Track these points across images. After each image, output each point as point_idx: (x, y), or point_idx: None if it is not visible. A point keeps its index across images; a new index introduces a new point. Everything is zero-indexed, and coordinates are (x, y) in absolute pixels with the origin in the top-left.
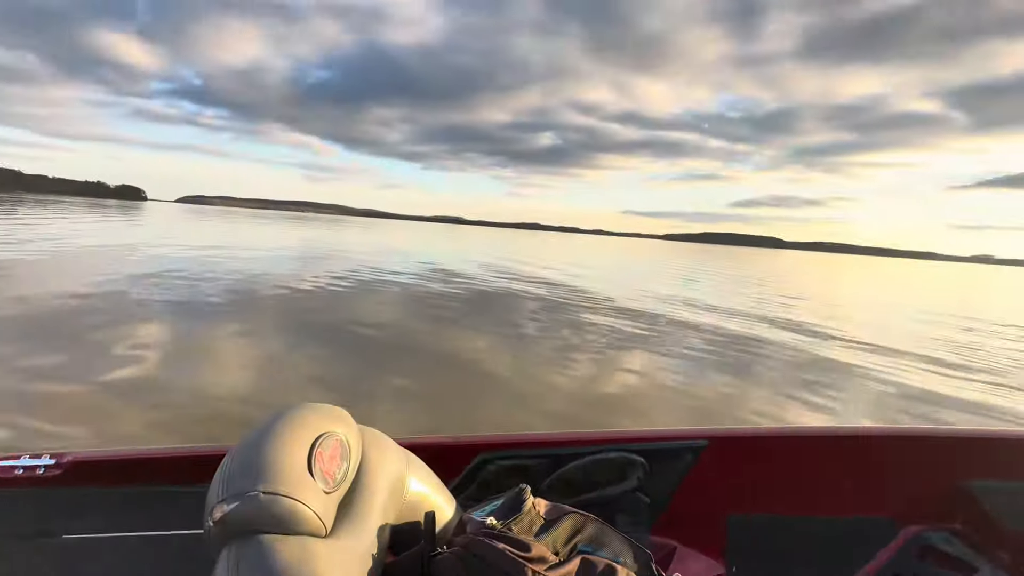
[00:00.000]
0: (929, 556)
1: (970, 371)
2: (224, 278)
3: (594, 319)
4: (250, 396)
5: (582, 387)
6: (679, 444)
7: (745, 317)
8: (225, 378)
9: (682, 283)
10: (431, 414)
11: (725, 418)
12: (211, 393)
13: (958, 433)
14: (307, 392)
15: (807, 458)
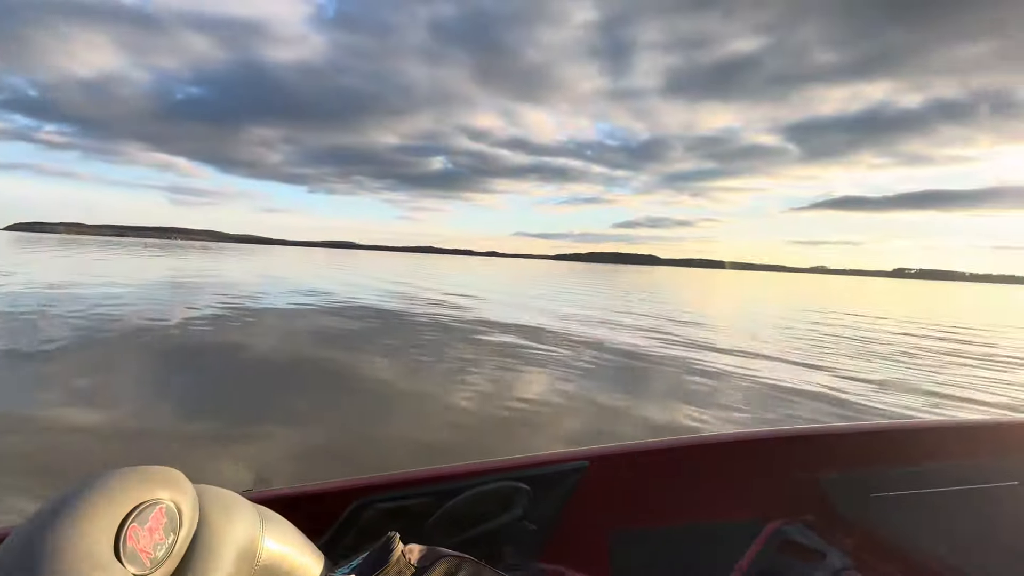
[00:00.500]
0: (787, 549)
1: (810, 358)
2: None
3: (488, 339)
4: (63, 458)
5: (475, 411)
6: (561, 467)
7: (639, 329)
8: (45, 437)
9: (575, 299)
10: (306, 457)
11: (607, 425)
12: (18, 451)
13: (811, 432)
14: (148, 445)
15: (681, 468)
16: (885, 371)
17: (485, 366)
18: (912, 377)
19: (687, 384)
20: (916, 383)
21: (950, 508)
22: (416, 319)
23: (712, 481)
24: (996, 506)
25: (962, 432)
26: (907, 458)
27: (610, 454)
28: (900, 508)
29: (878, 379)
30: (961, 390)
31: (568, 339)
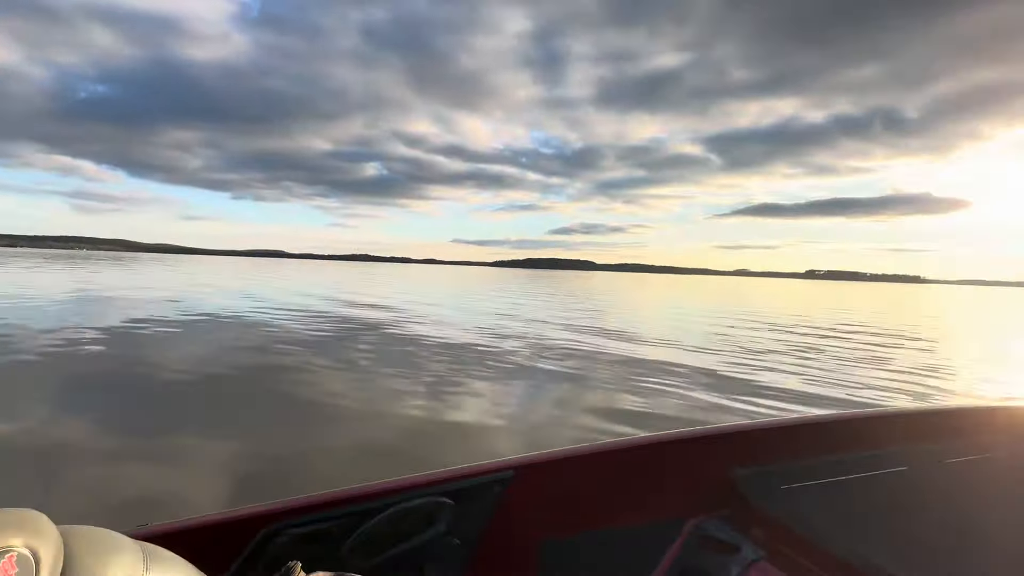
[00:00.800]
0: (706, 544)
1: (735, 351)
2: None
3: (425, 348)
4: None
5: (403, 422)
6: (486, 479)
7: (579, 331)
8: None
9: (517, 305)
10: (224, 477)
11: (543, 425)
12: None
13: (725, 430)
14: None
15: (606, 473)
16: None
17: (420, 375)
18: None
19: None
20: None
21: (850, 495)
22: (348, 329)
23: (635, 484)
24: (889, 491)
25: (858, 424)
26: (811, 450)
27: (536, 463)
28: (806, 498)
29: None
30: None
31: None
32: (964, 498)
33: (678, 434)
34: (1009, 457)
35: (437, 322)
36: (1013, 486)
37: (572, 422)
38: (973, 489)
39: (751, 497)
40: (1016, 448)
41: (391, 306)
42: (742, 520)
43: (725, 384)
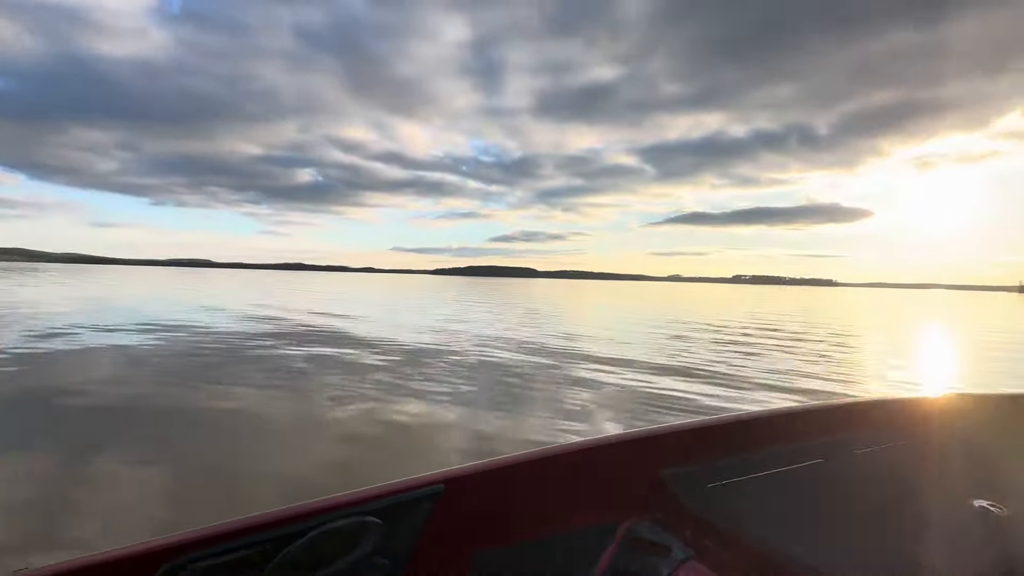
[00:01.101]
0: (639, 546)
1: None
2: None
3: (361, 360)
4: None
5: (329, 438)
6: (415, 494)
7: (525, 339)
8: None
9: (461, 313)
10: (131, 508)
11: (475, 441)
12: None
13: (653, 432)
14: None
15: (538, 481)
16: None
17: (348, 388)
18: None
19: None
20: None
21: (771, 489)
22: (275, 343)
23: (568, 490)
24: (807, 483)
25: (778, 420)
26: (735, 448)
27: (467, 474)
28: (731, 495)
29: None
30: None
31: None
32: (873, 486)
33: (608, 438)
34: (911, 445)
35: (348, 330)
36: (915, 472)
37: (505, 426)
38: (881, 477)
39: (680, 497)
40: (917, 437)
41: (297, 317)
42: (672, 520)
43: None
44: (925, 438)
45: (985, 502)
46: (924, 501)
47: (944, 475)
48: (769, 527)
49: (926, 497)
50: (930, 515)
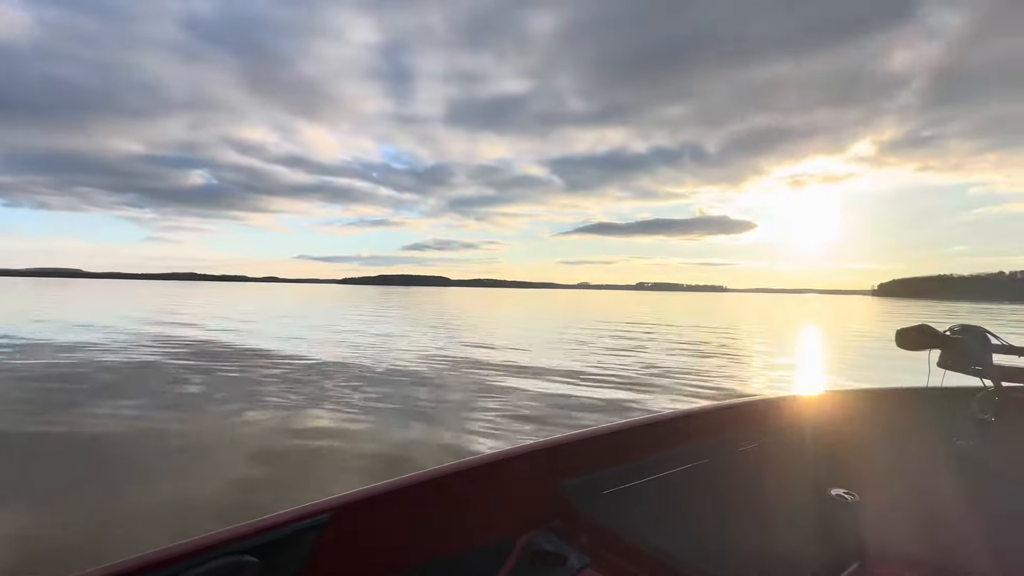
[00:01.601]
0: (538, 558)
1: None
2: None
3: (248, 376)
4: None
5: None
6: (297, 527)
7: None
8: None
9: (371, 323)
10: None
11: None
12: None
13: (551, 443)
14: None
15: (432, 502)
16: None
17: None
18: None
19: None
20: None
21: (662, 492)
22: (152, 360)
23: (464, 509)
24: (695, 482)
25: (666, 424)
26: (627, 454)
27: (355, 501)
28: (626, 500)
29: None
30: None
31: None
32: (752, 482)
33: (504, 453)
34: (783, 441)
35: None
36: (787, 466)
37: (407, 441)
38: (758, 472)
39: (577, 506)
40: (788, 433)
41: (177, 332)
42: (570, 530)
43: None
44: (794, 434)
45: (841, 490)
46: (793, 492)
47: (809, 467)
48: (661, 529)
49: (794, 489)
50: (798, 505)
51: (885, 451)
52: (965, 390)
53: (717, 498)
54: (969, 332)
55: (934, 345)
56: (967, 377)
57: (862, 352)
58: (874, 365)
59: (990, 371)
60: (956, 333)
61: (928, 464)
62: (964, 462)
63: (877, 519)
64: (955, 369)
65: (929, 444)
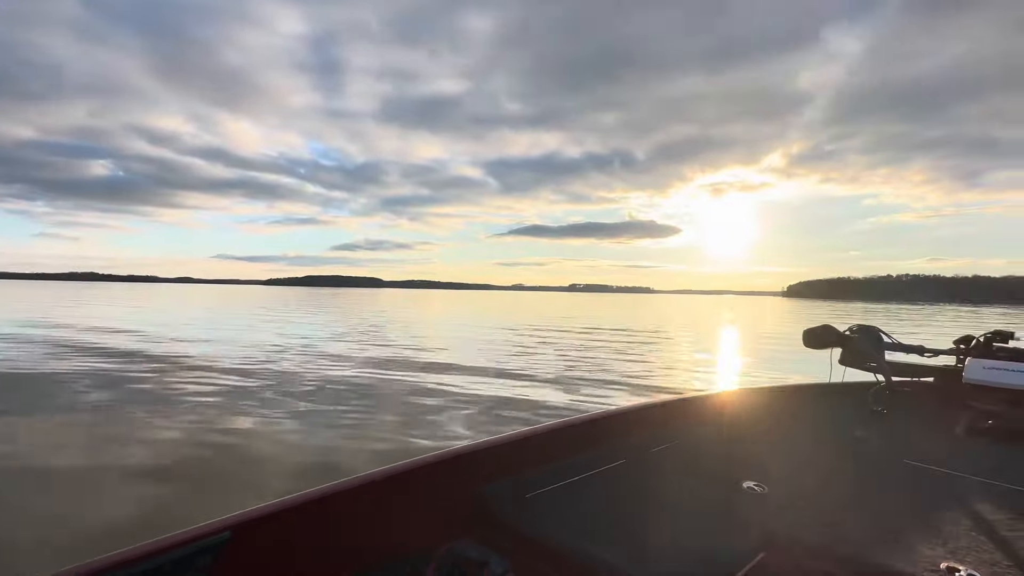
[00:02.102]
0: (457, 567)
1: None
2: None
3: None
4: None
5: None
6: (192, 548)
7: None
8: None
9: (294, 325)
10: None
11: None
12: None
13: (473, 448)
14: None
15: (349, 514)
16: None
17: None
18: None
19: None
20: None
21: (581, 494)
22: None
23: (381, 519)
24: (612, 484)
25: (585, 427)
26: (548, 457)
27: (259, 516)
28: (547, 504)
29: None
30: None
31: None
32: (669, 479)
33: (422, 459)
34: (699, 438)
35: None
36: (702, 462)
37: (328, 449)
38: (675, 470)
39: (499, 511)
40: (703, 430)
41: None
42: (492, 536)
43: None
44: (708, 431)
45: (752, 483)
46: (707, 488)
47: (722, 462)
48: (582, 531)
49: (709, 484)
50: (711, 500)
51: (792, 444)
52: (862, 385)
53: (635, 497)
54: (865, 332)
55: (835, 344)
56: (865, 373)
57: (773, 351)
58: (784, 360)
59: (882, 367)
60: (854, 332)
61: (830, 455)
62: (861, 451)
63: (783, 509)
64: (853, 366)
65: (831, 436)
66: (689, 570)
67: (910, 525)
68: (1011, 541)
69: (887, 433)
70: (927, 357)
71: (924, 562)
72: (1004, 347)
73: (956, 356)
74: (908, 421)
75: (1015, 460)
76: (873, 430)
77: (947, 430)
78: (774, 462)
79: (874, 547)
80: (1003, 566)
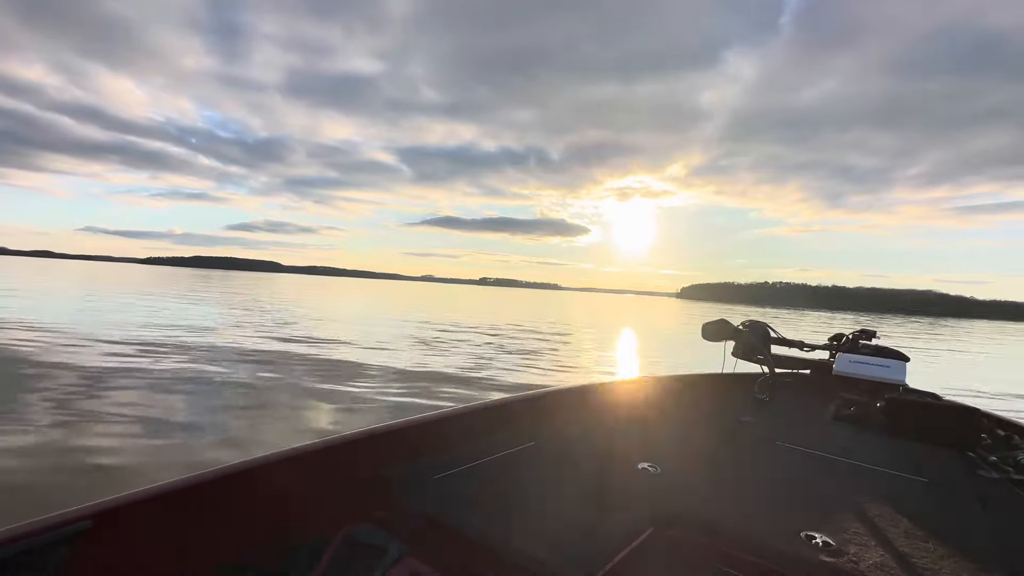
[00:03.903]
0: (355, 553)
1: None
2: None
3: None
4: None
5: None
6: (46, 538)
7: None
8: None
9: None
10: None
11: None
12: None
13: (375, 431)
14: None
15: (237, 500)
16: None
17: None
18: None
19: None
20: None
21: (490, 476)
22: None
23: (272, 506)
24: (521, 466)
25: (495, 410)
26: (453, 441)
27: (128, 503)
28: (453, 486)
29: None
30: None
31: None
32: (572, 461)
33: (322, 442)
34: (601, 422)
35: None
36: (603, 444)
37: (204, 446)
38: (578, 452)
39: (401, 495)
40: (605, 415)
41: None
42: (392, 520)
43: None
44: (611, 416)
45: (647, 463)
46: (608, 468)
47: (622, 444)
48: (485, 513)
49: (609, 465)
50: (608, 480)
51: (686, 428)
52: (751, 376)
53: (540, 479)
54: (754, 327)
55: (729, 337)
56: (754, 364)
57: (669, 342)
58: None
59: (767, 360)
60: (745, 327)
61: (717, 438)
62: (745, 435)
63: (673, 488)
64: (743, 358)
65: (721, 421)
66: (581, 547)
67: (778, 499)
68: (857, 510)
69: (768, 419)
70: (806, 351)
71: (788, 532)
72: (868, 344)
73: (829, 351)
74: (786, 408)
75: (865, 442)
76: (757, 416)
77: (817, 416)
78: (669, 445)
79: (746, 521)
80: (851, 532)
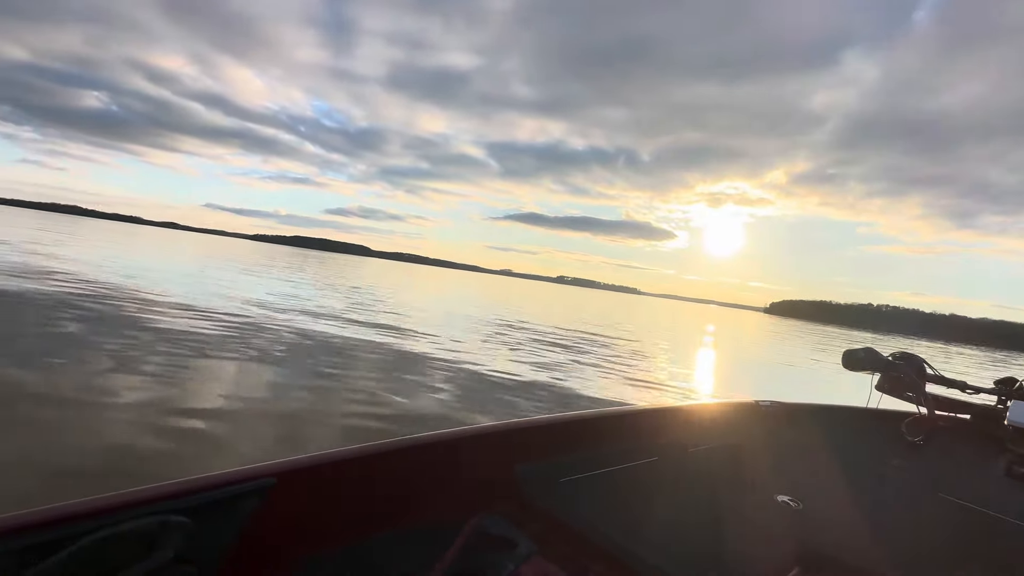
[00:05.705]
0: (485, 542)
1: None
2: None
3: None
4: None
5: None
6: (238, 488)
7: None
8: None
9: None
10: None
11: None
12: None
13: (509, 426)
14: None
15: (381, 476)
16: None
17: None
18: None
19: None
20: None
21: (613, 484)
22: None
23: (414, 485)
24: (644, 480)
25: (616, 419)
26: (582, 444)
27: (303, 467)
28: (578, 490)
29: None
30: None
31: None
32: (700, 482)
33: (459, 432)
34: (730, 446)
35: None
36: (733, 470)
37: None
38: (706, 474)
39: (530, 492)
40: (736, 439)
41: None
42: (520, 516)
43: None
44: (742, 440)
45: (787, 497)
46: (740, 496)
47: (755, 473)
48: (612, 521)
49: (741, 493)
50: (744, 509)
51: (827, 462)
52: (897, 413)
53: (667, 495)
54: (909, 359)
55: (876, 368)
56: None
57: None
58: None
59: (922, 398)
60: (897, 359)
61: (864, 479)
62: (896, 479)
63: (818, 527)
64: (892, 394)
65: (866, 460)
66: None
67: (941, 557)
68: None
69: (923, 464)
70: (968, 394)
71: None
72: None
73: (998, 396)
74: (944, 456)
75: None
76: (908, 460)
77: (986, 469)
78: (808, 479)
79: (904, 573)
80: None
